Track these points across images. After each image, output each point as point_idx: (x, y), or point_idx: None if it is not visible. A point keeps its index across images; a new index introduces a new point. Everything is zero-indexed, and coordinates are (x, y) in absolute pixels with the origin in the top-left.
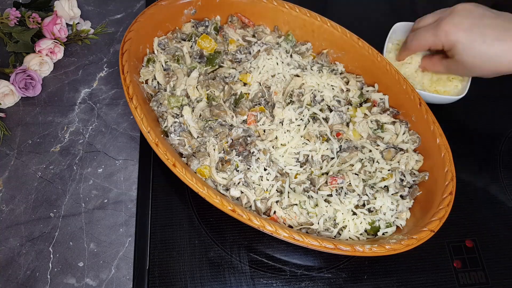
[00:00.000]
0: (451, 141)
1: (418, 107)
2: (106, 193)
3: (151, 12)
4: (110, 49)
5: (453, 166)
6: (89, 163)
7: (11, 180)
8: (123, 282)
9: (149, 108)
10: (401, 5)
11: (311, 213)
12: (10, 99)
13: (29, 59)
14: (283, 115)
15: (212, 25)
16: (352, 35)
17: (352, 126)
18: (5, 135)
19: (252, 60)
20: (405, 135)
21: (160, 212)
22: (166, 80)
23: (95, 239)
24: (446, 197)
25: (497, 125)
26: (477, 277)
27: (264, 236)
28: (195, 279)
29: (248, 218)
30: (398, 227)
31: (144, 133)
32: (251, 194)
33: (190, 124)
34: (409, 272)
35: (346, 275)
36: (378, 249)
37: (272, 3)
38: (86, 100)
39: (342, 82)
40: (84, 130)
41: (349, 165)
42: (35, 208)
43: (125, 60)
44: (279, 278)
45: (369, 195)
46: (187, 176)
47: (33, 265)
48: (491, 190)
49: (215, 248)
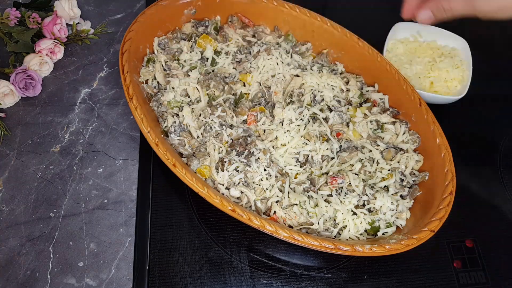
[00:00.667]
0: (451, 141)
1: (418, 107)
2: (106, 193)
3: (151, 12)
4: (110, 49)
5: (453, 166)
6: (89, 163)
7: (11, 180)
8: (123, 282)
9: (149, 108)
10: (401, 5)
11: (311, 213)
12: (10, 99)
13: (29, 59)
14: (283, 115)
15: (212, 25)
16: (352, 35)
17: (352, 126)
18: (5, 135)
19: (252, 60)
20: (405, 135)
21: (160, 212)
22: (166, 80)
23: (95, 239)
24: (446, 197)
25: (497, 125)
26: (477, 277)
27: (264, 236)
28: (195, 279)
29: (248, 218)
30: (398, 227)
31: (144, 133)
32: (251, 194)
33: (190, 124)
34: (409, 272)
35: (346, 275)
36: (378, 249)
37: (272, 3)
38: (86, 100)
39: (342, 82)
40: (84, 130)
41: (349, 165)
42: (35, 208)
43: (125, 60)
44: (279, 278)
45: (369, 195)
46: (187, 176)
47: (33, 265)
48: (491, 190)
49: (215, 248)
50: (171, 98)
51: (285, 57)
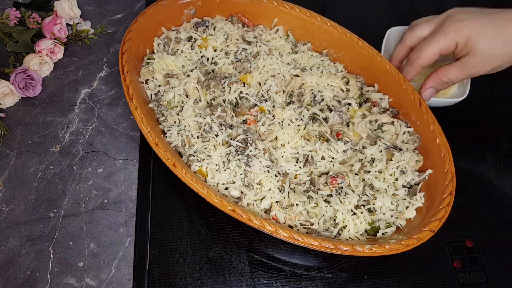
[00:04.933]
0: (451, 141)
1: (418, 107)
2: (106, 193)
3: (151, 12)
4: (110, 49)
5: (453, 166)
6: (89, 163)
7: (11, 180)
8: (123, 282)
9: (149, 108)
10: (401, 5)
11: (311, 213)
12: (10, 99)
13: (29, 59)
14: (283, 115)
15: (212, 25)
16: (352, 35)
17: (352, 126)
18: (5, 135)
19: (252, 60)
20: (405, 135)
21: (160, 212)
22: (166, 80)
23: (95, 239)
24: (446, 197)
25: (497, 125)
26: (477, 277)
27: (264, 236)
28: (195, 279)
29: (248, 218)
30: (398, 227)
31: (144, 133)
32: (251, 194)
33: (190, 124)
34: (409, 272)
35: (346, 275)
36: (378, 249)
37: (272, 3)
38: (86, 100)
39: (342, 82)
40: (84, 130)
41: (349, 165)
42: (35, 208)
43: (125, 60)
44: (279, 278)
45: (369, 195)
46: (187, 176)
47: (33, 265)
48: (491, 190)
49: (215, 248)
50: (171, 98)
51: (285, 57)
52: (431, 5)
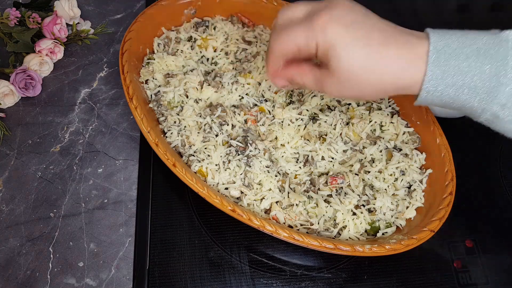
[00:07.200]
0: (451, 141)
1: (418, 107)
2: (106, 193)
3: (151, 12)
4: (110, 49)
5: (453, 166)
6: (89, 163)
7: (11, 180)
8: (123, 282)
9: (149, 108)
10: (401, 5)
11: (311, 213)
12: (10, 99)
13: (29, 59)
14: (283, 115)
15: (212, 25)
16: None
17: (352, 126)
18: (5, 135)
19: (252, 60)
20: (405, 135)
21: (160, 212)
22: (166, 80)
23: (95, 239)
24: (446, 197)
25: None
26: (477, 277)
27: (264, 236)
28: (195, 279)
29: (248, 218)
30: (398, 227)
31: (144, 133)
32: (251, 194)
33: (190, 124)
34: (409, 272)
35: (346, 275)
36: (378, 249)
37: (272, 3)
38: (86, 100)
39: None
40: (84, 130)
41: (349, 165)
42: (35, 208)
43: (125, 60)
44: (279, 278)
45: (369, 195)
46: (187, 176)
47: (33, 265)
48: (491, 190)
49: (215, 248)
50: (171, 98)
51: None
52: (431, 5)
